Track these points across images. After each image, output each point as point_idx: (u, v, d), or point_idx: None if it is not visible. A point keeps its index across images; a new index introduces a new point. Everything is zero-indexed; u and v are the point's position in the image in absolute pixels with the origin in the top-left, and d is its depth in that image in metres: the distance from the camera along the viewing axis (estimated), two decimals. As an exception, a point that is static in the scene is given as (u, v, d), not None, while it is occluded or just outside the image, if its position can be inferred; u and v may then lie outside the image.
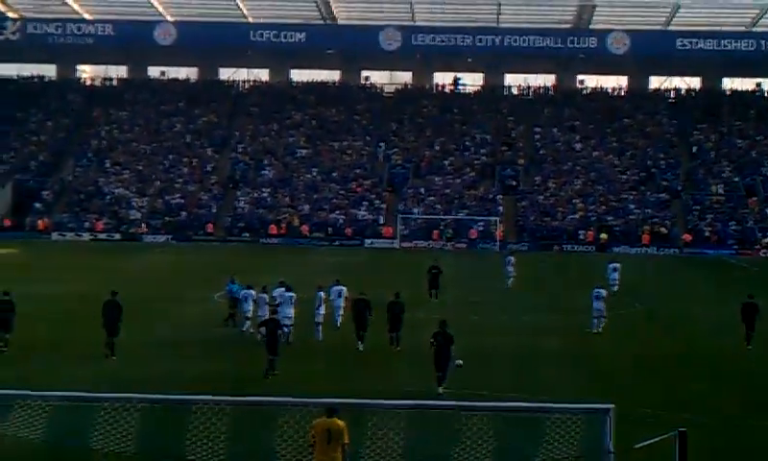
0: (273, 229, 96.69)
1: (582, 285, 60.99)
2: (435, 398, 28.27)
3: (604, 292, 43.58)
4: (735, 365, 37.03)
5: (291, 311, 37.81)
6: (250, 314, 39.66)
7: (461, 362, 30.29)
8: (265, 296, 39.40)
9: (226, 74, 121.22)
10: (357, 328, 37.82)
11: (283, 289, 39.37)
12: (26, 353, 35.10)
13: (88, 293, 51.35)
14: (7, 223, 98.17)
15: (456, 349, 30.36)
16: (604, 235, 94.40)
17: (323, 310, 39.66)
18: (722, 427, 27.06)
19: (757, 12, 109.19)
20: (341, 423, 19.30)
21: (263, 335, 33.21)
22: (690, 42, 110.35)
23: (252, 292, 40.21)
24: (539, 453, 19.41)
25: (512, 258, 61.36)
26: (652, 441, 17.79)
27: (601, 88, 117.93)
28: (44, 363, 33.70)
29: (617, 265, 59.24)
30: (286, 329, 34.82)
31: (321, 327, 39.66)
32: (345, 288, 41.95)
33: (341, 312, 41.36)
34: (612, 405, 17.69)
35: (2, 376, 29.65)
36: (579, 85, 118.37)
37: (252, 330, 38.92)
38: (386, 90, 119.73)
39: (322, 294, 40.25)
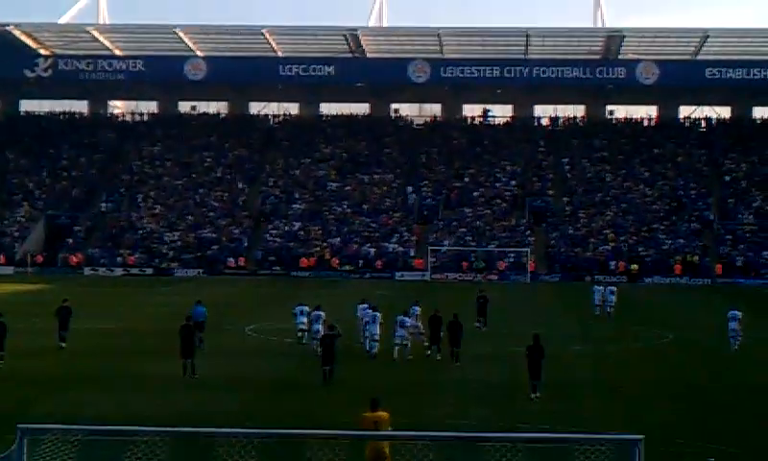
0: (303, 261, 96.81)
1: (616, 316, 60.78)
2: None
3: (739, 314, 46.48)
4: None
5: (377, 329, 42.37)
6: (305, 327, 44.50)
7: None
8: (321, 313, 43.12)
9: (256, 108, 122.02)
10: (432, 341, 42.73)
11: (366, 306, 45.03)
12: (64, 386, 35.26)
13: (130, 327, 51.77)
14: (39, 259, 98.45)
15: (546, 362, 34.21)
16: (635, 266, 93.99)
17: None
18: (752, 458, 26.81)
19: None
20: (385, 414, 21.34)
21: (321, 349, 37.31)
22: (719, 71, 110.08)
23: (306, 308, 45.24)
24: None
25: (614, 288, 62.97)
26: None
27: (630, 118, 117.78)
28: (83, 395, 33.76)
29: (614, 288, 62.43)
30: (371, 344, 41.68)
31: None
32: (419, 308, 46.04)
33: (421, 328, 44.28)
34: (641, 436, 17.51)
35: (37, 411, 29.82)
36: (608, 116, 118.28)
37: (304, 341, 43.96)
38: (415, 122, 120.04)
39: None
